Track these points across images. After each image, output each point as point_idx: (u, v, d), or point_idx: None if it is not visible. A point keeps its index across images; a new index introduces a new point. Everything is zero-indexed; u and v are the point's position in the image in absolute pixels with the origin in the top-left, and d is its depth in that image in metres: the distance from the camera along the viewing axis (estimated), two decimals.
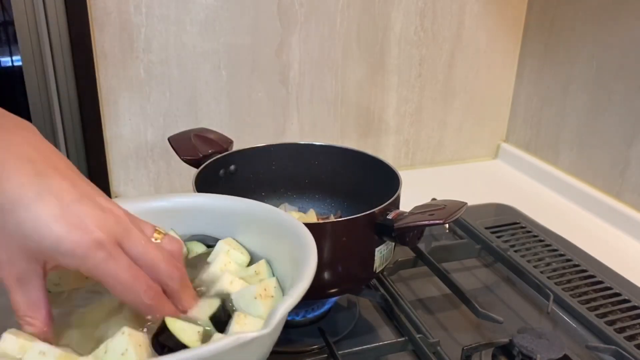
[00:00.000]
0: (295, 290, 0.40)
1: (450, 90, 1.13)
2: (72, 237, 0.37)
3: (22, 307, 0.39)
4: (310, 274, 0.43)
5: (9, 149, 0.39)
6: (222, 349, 0.34)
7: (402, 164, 1.16)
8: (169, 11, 0.90)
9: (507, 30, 1.12)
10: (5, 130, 0.41)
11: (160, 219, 0.54)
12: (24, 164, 0.39)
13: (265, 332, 0.36)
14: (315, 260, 0.44)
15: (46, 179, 0.39)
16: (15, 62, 0.86)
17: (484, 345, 0.62)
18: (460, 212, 0.59)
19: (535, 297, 0.74)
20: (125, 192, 0.99)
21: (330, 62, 1.02)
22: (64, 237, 0.37)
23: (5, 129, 0.41)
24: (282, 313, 0.38)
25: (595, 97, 0.98)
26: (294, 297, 0.40)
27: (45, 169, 0.39)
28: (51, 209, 0.38)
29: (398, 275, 0.77)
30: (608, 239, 0.92)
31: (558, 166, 1.08)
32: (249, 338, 0.35)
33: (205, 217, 0.55)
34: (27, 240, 0.38)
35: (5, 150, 0.39)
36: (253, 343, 0.36)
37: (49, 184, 0.39)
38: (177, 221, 0.54)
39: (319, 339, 0.63)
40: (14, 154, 0.39)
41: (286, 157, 0.79)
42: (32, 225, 0.37)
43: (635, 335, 0.66)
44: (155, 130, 0.97)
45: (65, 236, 0.37)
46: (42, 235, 0.37)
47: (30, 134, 0.42)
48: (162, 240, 0.44)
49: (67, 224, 0.38)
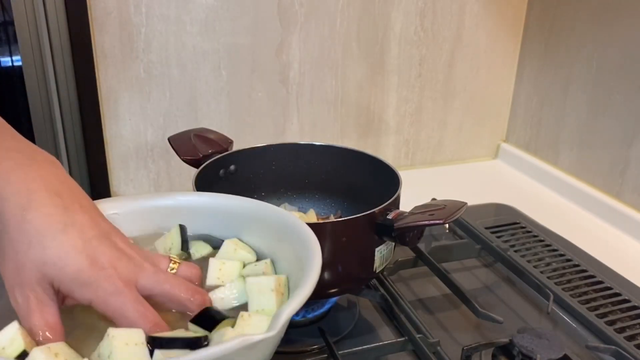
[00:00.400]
0: (300, 292, 0.41)
1: (450, 90, 1.13)
2: (91, 270, 0.40)
3: (41, 329, 0.40)
4: (315, 276, 0.43)
5: (39, 181, 0.42)
6: (229, 351, 0.35)
7: (402, 164, 1.16)
8: (169, 11, 0.90)
9: (507, 30, 1.12)
10: (36, 163, 0.44)
11: (164, 217, 0.54)
12: (53, 196, 0.42)
13: (271, 334, 0.37)
14: (320, 263, 0.44)
15: (72, 214, 0.42)
16: (15, 62, 0.86)
17: (484, 345, 0.62)
18: (460, 212, 0.59)
19: (535, 297, 0.74)
20: (125, 192, 0.99)
21: (330, 62, 1.02)
22: (84, 268, 0.40)
23: (36, 161, 0.44)
24: (287, 315, 0.38)
25: (595, 97, 0.98)
26: (299, 300, 0.40)
27: (71, 204, 0.43)
28: (75, 242, 0.41)
29: (398, 275, 0.77)
30: (608, 239, 0.92)
31: (558, 166, 1.08)
32: (255, 340, 0.36)
33: (209, 217, 0.55)
34: (48, 267, 0.40)
35: (37, 181, 0.42)
36: (259, 345, 0.36)
37: (74, 219, 0.42)
38: (181, 220, 0.54)
39: (319, 339, 0.63)
40: (44, 186, 0.42)
41: (286, 157, 0.79)
42: (56, 253, 0.40)
43: (635, 335, 0.66)
44: (155, 130, 0.97)
45: (85, 268, 0.40)
46: (64, 264, 0.40)
47: (58, 169, 0.45)
48: (179, 268, 0.47)
49: (87, 257, 0.41)
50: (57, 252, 0.40)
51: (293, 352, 0.63)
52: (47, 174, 0.43)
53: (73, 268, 0.40)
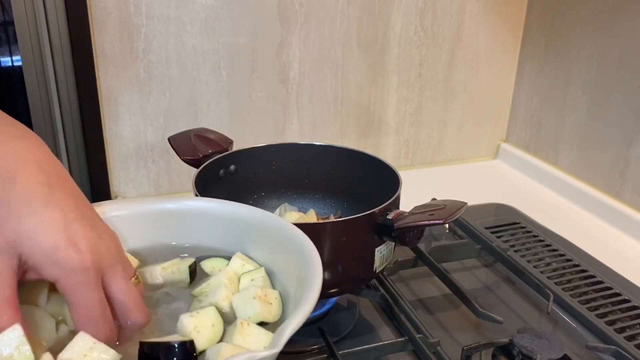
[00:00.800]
0: (303, 308, 0.40)
1: (450, 90, 1.13)
2: (67, 250, 0.39)
3: None
4: (316, 293, 0.42)
5: (28, 155, 0.42)
6: None
7: (402, 164, 1.16)
8: (169, 11, 0.90)
9: (507, 30, 1.12)
10: (25, 139, 0.43)
11: (166, 222, 0.54)
12: (38, 173, 0.41)
13: (275, 351, 0.37)
14: (321, 278, 0.44)
15: (55, 192, 0.41)
16: (15, 62, 0.86)
17: (484, 345, 0.62)
18: (460, 212, 0.59)
19: (535, 297, 0.74)
20: (125, 192, 0.99)
21: (330, 62, 1.02)
22: (60, 247, 0.39)
23: (25, 138, 0.44)
24: (290, 332, 0.38)
25: (595, 97, 0.98)
26: (302, 316, 0.39)
27: (56, 182, 0.42)
28: (56, 219, 0.40)
29: (398, 275, 0.77)
30: (608, 239, 0.92)
31: (558, 166, 1.08)
32: (258, 357, 0.36)
33: (212, 224, 0.54)
34: (23, 239, 0.39)
35: (22, 156, 0.42)
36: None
37: (57, 198, 0.41)
38: (183, 226, 0.53)
39: (319, 339, 0.63)
40: (32, 161, 0.42)
41: (286, 157, 0.79)
42: (34, 227, 0.39)
43: (635, 335, 0.66)
44: (155, 130, 0.97)
45: (62, 247, 0.39)
46: (41, 239, 0.39)
47: (46, 150, 0.44)
48: (137, 285, 0.46)
49: (66, 238, 0.40)
50: (35, 225, 0.39)
51: (293, 352, 0.63)
52: (36, 151, 0.43)
53: (49, 244, 0.39)
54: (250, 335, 0.42)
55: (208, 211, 0.54)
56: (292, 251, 0.49)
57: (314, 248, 0.47)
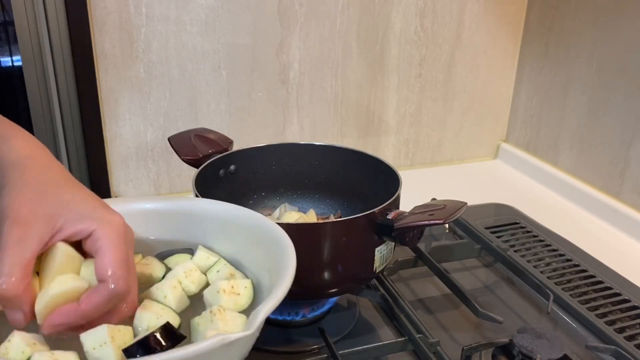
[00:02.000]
0: (277, 291, 0.41)
1: (450, 90, 1.13)
2: (104, 209, 0.44)
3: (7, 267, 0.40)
4: (290, 275, 0.44)
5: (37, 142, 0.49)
6: (207, 349, 0.35)
7: (402, 164, 1.16)
8: (169, 11, 0.90)
9: (507, 30, 1.12)
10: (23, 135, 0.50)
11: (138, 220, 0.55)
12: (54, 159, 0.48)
13: (248, 333, 0.38)
14: (294, 262, 0.45)
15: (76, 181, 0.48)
16: (15, 62, 0.86)
17: (484, 345, 0.62)
18: (460, 212, 0.59)
19: (535, 297, 0.74)
20: (125, 192, 0.99)
21: (330, 62, 1.02)
22: (98, 207, 0.44)
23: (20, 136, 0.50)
24: (264, 314, 0.39)
25: (595, 97, 0.98)
26: (275, 299, 0.41)
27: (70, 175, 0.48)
28: (89, 194, 0.46)
29: (398, 275, 0.77)
30: (608, 239, 0.92)
31: (558, 166, 1.08)
32: (233, 339, 0.36)
33: (177, 221, 0.55)
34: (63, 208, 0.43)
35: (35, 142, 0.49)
36: (236, 343, 0.37)
37: (81, 186, 0.47)
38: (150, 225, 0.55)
39: (319, 339, 0.63)
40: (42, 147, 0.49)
41: (286, 157, 0.79)
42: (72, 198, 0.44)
43: (635, 335, 0.66)
44: (155, 130, 0.97)
45: (99, 207, 0.44)
46: (79, 206, 0.44)
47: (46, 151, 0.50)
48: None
49: (101, 204, 0.45)
50: (73, 197, 0.44)
51: (293, 352, 0.63)
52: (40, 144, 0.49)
53: (88, 207, 0.44)
54: (230, 320, 0.43)
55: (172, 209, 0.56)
56: (264, 243, 0.50)
57: (283, 232, 0.50)
